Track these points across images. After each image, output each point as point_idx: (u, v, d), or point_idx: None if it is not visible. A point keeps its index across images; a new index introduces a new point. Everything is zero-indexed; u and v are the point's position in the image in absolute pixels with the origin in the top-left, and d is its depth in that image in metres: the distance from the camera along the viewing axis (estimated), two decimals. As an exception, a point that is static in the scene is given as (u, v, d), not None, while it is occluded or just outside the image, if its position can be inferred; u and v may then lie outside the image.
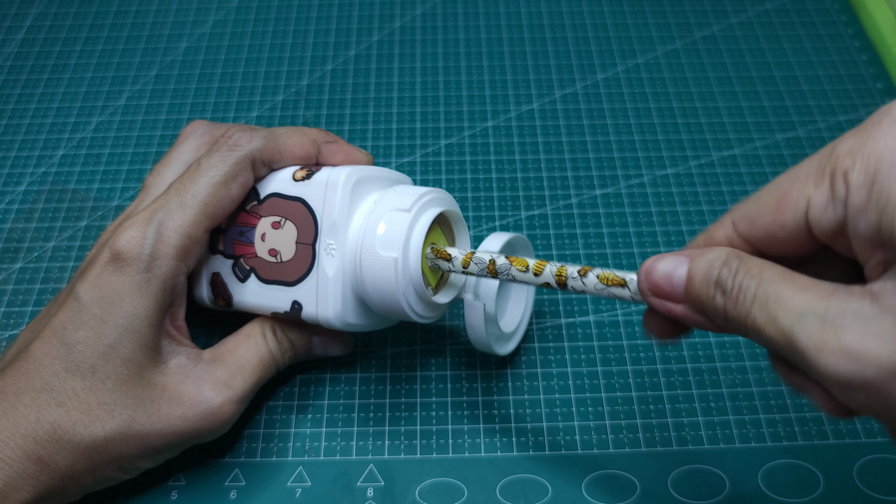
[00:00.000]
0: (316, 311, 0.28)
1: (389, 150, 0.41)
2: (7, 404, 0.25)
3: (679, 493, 0.30)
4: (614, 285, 0.24)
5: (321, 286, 0.28)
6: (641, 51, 0.46)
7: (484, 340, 0.29)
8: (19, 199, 0.39)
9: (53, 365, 0.26)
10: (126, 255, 0.26)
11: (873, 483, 0.30)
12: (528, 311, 0.33)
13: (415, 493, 0.30)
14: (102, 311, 0.26)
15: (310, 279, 0.28)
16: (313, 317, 0.28)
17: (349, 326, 0.28)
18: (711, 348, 0.34)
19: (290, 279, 0.29)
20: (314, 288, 0.28)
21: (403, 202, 0.27)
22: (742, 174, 0.40)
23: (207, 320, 0.34)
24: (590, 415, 0.32)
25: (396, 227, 0.27)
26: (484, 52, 0.46)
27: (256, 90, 0.44)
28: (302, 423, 0.32)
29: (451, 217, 0.29)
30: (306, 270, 0.28)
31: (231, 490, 0.30)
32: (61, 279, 0.36)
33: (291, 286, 0.29)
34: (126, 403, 0.26)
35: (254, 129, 0.30)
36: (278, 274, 0.29)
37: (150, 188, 0.31)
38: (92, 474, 0.26)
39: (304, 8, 0.49)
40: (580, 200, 0.39)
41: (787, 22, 0.47)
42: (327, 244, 0.28)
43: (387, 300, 0.27)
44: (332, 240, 0.28)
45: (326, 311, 0.28)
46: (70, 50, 0.47)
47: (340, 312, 0.28)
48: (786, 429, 0.31)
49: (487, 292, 0.29)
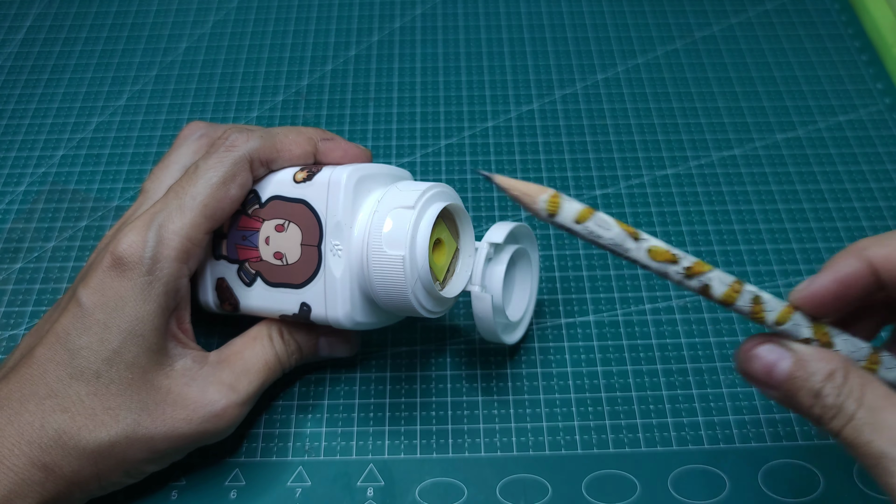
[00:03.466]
0: (325, 312, 0.28)
1: (389, 151, 0.41)
2: (11, 411, 0.25)
3: (679, 493, 0.30)
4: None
5: (329, 287, 0.28)
6: (641, 51, 0.46)
7: (493, 331, 0.29)
8: (19, 200, 0.39)
9: (57, 371, 0.26)
10: (127, 260, 0.26)
11: (873, 483, 0.30)
12: (532, 299, 0.33)
13: (415, 493, 0.30)
14: (106, 315, 0.26)
15: (317, 281, 0.28)
16: (322, 318, 0.28)
17: (359, 325, 0.29)
18: (711, 348, 0.34)
19: (296, 281, 0.29)
20: (322, 289, 0.28)
21: (407, 199, 0.27)
22: (742, 174, 0.40)
23: (212, 322, 0.34)
24: (590, 415, 0.32)
25: (402, 224, 0.27)
26: (484, 52, 0.46)
27: (256, 90, 0.44)
28: (302, 423, 0.32)
29: (455, 211, 0.29)
30: (313, 272, 0.28)
31: (231, 490, 0.30)
32: (61, 279, 0.36)
33: (299, 288, 0.29)
34: (131, 407, 0.26)
35: (251, 130, 0.30)
36: (285, 277, 0.29)
37: (149, 192, 0.31)
38: (97, 480, 0.26)
39: (304, 8, 0.49)
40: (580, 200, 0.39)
41: (787, 22, 0.47)
42: (333, 245, 0.28)
43: (396, 298, 0.27)
44: (338, 240, 0.28)
45: (336, 311, 0.28)
46: (70, 50, 0.47)
47: (350, 312, 0.28)
48: (786, 429, 0.31)
49: (494, 283, 0.29)
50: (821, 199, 0.39)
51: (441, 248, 0.29)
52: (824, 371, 0.21)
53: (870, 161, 0.40)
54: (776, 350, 0.22)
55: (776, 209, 0.38)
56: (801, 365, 0.22)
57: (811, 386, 0.21)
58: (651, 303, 0.35)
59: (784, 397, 0.22)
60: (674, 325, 0.34)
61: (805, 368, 0.22)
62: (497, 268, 0.29)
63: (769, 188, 0.39)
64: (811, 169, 0.40)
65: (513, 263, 0.31)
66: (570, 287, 0.36)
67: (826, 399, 0.21)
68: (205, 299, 0.31)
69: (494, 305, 0.29)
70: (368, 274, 0.27)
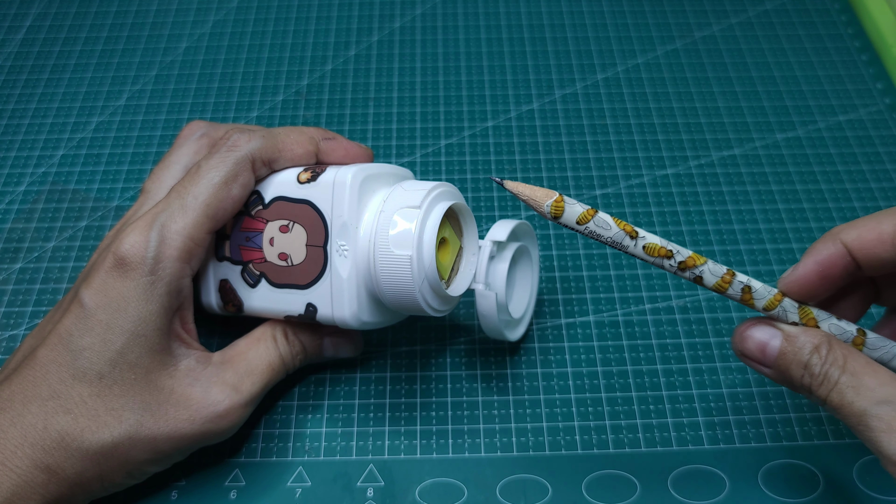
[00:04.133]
0: (332, 312, 0.28)
1: (389, 150, 0.41)
2: (14, 413, 0.25)
3: (679, 493, 0.30)
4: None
5: (335, 287, 0.28)
6: (641, 51, 0.46)
7: (497, 328, 0.29)
8: (19, 200, 0.39)
9: (60, 372, 0.26)
10: (130, 260, 0.26)
11: (873, 483, 0.30)
12: (533, 295, 0.33)
13: (415, 493, 0.30)
14: (108, 316, 0.26)
15: (323, 281, 0.28)
16: (329, 318, 0.28)
17: (365, 325, 0.29)
18: (711, 348, 0.34)
19: (302, 282, 0.29)
20: (328, 290, 0.28)
21: (413, 199, 0.27)
22: (742, 174, 0.40)
23: (213, 323, 0.34)
24: (590, 415, 0.32)
25: (408, 224, 0.27)
26: (484, 52, 0.46)
27: (256, 90, 0.44)
28: (302, 423, 0.32)
29: (459, 210, 0.29)
30: (319, 273, 0.28)
31: (231, 490, 0.30)
32: (61, 279, 0.36)
33: (304, 289, 0.29)
34: (134, 408, 0.26)
35: (252, 130, 0.30)
36: (290, 277, 0.29)
37: (150, 192, 0.31)
38: (100, 481, 0.26)
39: (304, 8, 0.49)
40: (580, 201, 0.39)
41: (787, 22, 0.47)
42: (339, 245, 0.28)
43: (403, 297, 0.27)
44: (344, 241, 0.28)
45: (342, 311, 0.28)
46: (70, 50, 0.47)
47: (356, 312, 0.28)
48: (786, 429, 0.31)
49: (497, 281, 0.29)
50: (821, 199, 0.39)
51: (445, 247, 0.29)
52: (811, 344, 0.24)
53: (870, 161, 0.40)
54: (768, 330, 0.25)
55: (776, 209, 0.38)
56: (790, 341, 0.24)
57: (800, 359, 0.24)
58: (651, 303, 0.35)
59: (777, 373, 0.25)
60: (674, 325, 0.34)
61: (794, 344, 0.24)
62: (500, 265, 0.30)
63: (769, 188, 0.39)
64: (811, 169, 0.40)
65: (514, 261, 0.31)
66: (570, 287, 0.36)
67: (813, 368, 0.23)
68: (207, 301, 0.31)
69: (498, 303, 0.29)
70: (375, 274, 0.27)
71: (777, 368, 0.25)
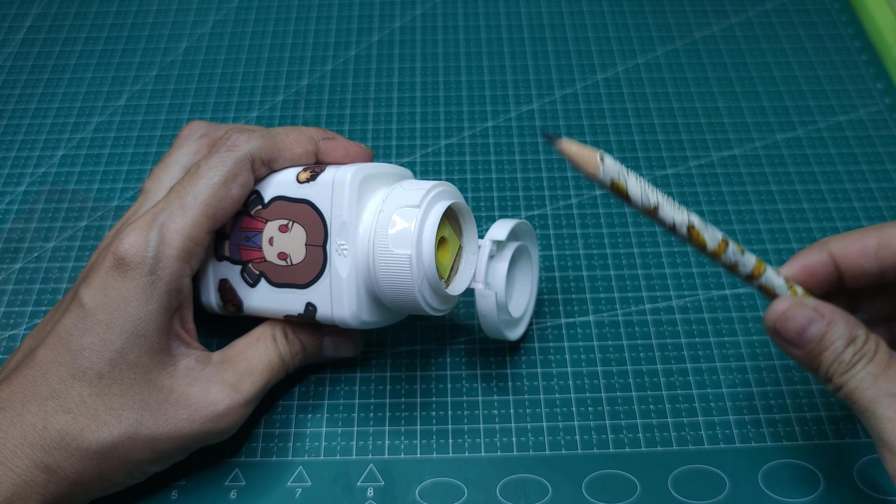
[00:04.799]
0: (331, 311, 0.28)
1: (389, 151, 0.41)
2: (14, 412, 0.25)
3: (679, 493, 0.30)
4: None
5: (335, 287, 0.28)
6: (641, 51, 0.46)
7: (497, 328, 0.29)
8: (19, 200, 0.39)
9: (60, 372, 0.26)
10: (129, 260, 0.26)
11: (873, 483, 0.30)
12: (533, 295, 0.33)
13: (415, 493, 0.30)
14: (108, 316, 0.26)
15: (322, 280, 0.28)
16: (328, 317, 0.28)
17: (365, 324, 0.29)
18: (711, 348, 0.34)
19: (301, 282, 0.29)
20: (328, 289, 0.28)
21: (412, 198, 0.27)
22: (742, 174, 0.40)
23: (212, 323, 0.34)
24: (590, 415, 0.32)
25: (408, 223, 0.27)
26: (484, 52, 0.46)
27: (256, 90, 0.44)
28: (302, 423, 0.32)
29: (459, 209, 0.29)
30: (318, 272, 0.28)
31: (231, 490, 0.30)
32: (61, 279, 0.36)
33: (304, 288, 0.29)
34: (133, 408, 0.26)
35: (252, 130, 0.30)
36: (289, 277, 0.29)
37: (149, 192, 0.31)
38: (100, 480, 0.26)
39: (304, 8, 0.49)
40: (580, 201, 0.39)
41: (787, 22, 0.47)
42: (338, 245, 0.28)
43: (402, 296, 0.27)
44: (343, 240, 0.28)
45: (342, 311, 0.28)
46: (70, 50, 0.47)
47: (356, 311, 0.28)
48: (786, 429, 0.31)
49: (497, 280, 0.29)
50: (821, 199, 0.39)
51: (445, 246, 0.29)
52: (848, 335, 0.24)
53: (870, 161, 0.40)
54: (809, 313, 0.25)
55: (776, 209, 0.38)
56: (833, 330, 0.24)
57: (836, 348, 0.24)
58: (651, 303, 0.35)
59: (807, 356, 0.25)
60: (674, 325, 0.34)
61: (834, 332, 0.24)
62: (500, 265, 0.30)
63: (769, 188, 0.39)
64: (811, 169, 0.40)
65: (514, 260, 0.31)
66: (570, 287, 0.36)
67: (846, 359, 0.24)
68: (207, 300, 0.31)
69: (498, 302, 0.29)
70: (375, 273, 0.27)
71: (811, 353, 0.25)
